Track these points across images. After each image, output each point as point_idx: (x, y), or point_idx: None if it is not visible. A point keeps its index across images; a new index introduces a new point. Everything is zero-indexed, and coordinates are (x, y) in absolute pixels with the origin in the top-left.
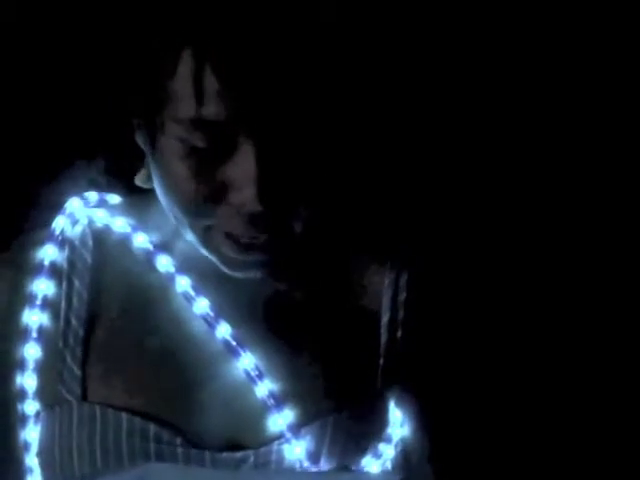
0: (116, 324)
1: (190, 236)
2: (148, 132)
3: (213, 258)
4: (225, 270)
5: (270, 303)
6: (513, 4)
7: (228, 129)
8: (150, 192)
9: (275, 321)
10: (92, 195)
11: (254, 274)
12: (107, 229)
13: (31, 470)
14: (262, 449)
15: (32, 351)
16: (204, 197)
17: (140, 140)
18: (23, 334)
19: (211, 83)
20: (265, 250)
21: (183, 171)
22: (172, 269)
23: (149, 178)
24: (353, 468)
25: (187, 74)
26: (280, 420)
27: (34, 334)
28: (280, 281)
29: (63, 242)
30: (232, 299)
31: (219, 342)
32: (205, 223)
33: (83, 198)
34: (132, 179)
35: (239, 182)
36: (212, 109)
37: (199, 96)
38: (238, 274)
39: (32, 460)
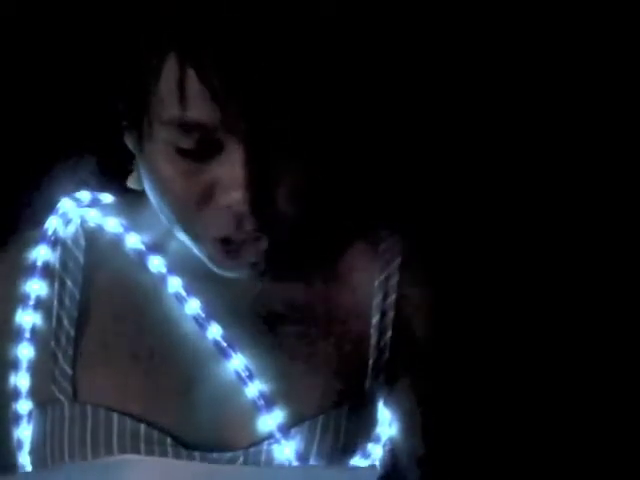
0: (107, 324)
1: (182, 236)
2: (135, 134)
3: (204, 259)
4: (215, 270)
5: (260, 304)
6: (513, 4)
7: (213, 131)
8: (142, 192)
9: (265, 322)
10: (85, 195)
11: (244, 274)
12: (99, 229)
13: (23, 468)
14: (252, 449)
15: (25, 351)
16: (192, 198)
17: (129, 142)
18: (17, 334)
19: (194, 86)
20: (253, 253)
21: (170, 173)
22: (164, 270)
23: (140, 180)
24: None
25: (171, 77)
26: (270, 420)
27: (27, 334)
28: (269, 282)
29: (56, 242)
30: (223, 300)
31: (210, 343)
32: (195, 230)
33: (76, 198)
34: (124, 179)
35: (227, 183)
36: (195, 112)
37: (182, 99)
38: (228, 274)
39: (24, 458)
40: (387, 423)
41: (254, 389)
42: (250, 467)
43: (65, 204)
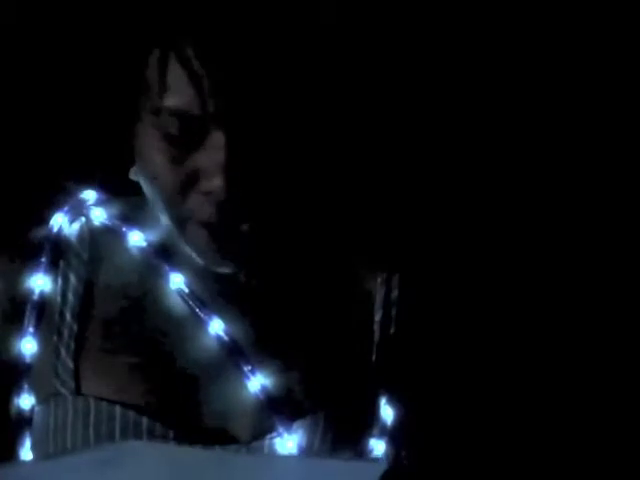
0: (110, 320)
1: (173, 226)
2: (129, 123)
3: (193, 251)
4: (204, 263)
5: (263, 300)
6: (513, 4)
7: (196, 117)
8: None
9: (268, 317)
10: (90, 193)
11: (231, 268)
12: (104, 227)
13: None
14: (254, 443)
15: (29, 346)
16: (178, 184)
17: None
18: (21, 329)
19: (176, 71)
20: (238, 243)
21: (158, 159)
22: (166, 266)
23: None
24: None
25: (155, 63)
26: (272, 415)
27: (31, 329)
28: (268, 279)
29: (60, 239)
30: (225, 296)
31: (212, 338)
32: (182, 215)
33: (81, 196)
34: (127, 177)
35: (209, 170)
36: (177, 99)
37: (163, 85)
38: (216, 268)
39: (27, 454)
40: (390, 419)
41: (256, 383)
42: (254, 456)
43: (71, 202)
